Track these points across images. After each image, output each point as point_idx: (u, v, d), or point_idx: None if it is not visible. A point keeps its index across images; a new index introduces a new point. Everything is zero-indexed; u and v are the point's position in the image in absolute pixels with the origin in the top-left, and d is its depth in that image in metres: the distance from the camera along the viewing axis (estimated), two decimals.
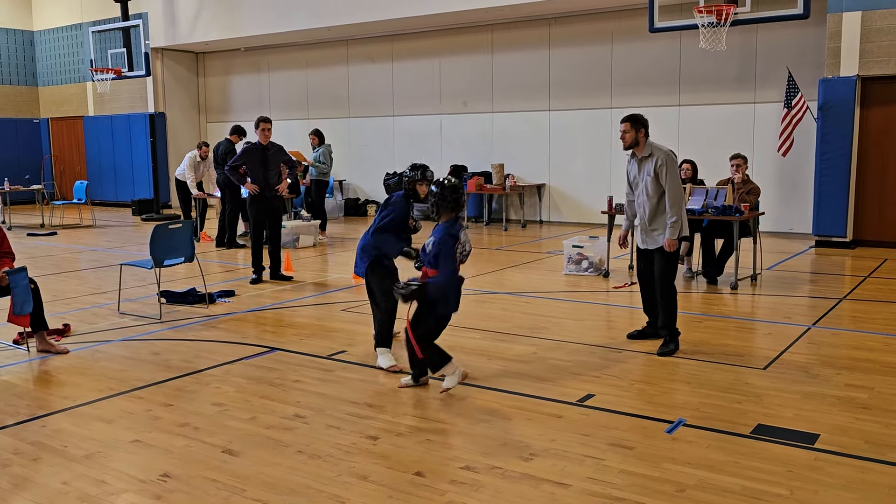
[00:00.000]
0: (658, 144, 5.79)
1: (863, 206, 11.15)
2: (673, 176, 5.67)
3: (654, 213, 5.76)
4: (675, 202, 5.65)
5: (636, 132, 5.72)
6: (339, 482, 3.64)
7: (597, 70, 13.90)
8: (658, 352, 5.68)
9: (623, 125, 5.77)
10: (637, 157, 5.83)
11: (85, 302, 7.92)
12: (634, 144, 5.77)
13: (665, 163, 5.66)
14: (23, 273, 5.73)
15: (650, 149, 5.73)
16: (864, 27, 10.54)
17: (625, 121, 5.77)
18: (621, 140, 5.81)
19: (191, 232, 7.61)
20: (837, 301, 7.54)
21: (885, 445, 3.97)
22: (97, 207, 18.38)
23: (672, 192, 5.65)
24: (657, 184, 5.70)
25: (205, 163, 12.68)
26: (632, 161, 5.92)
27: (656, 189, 5.71)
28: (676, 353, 5.69)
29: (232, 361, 5.68)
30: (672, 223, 5.65)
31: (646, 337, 6.10)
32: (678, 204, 5.66)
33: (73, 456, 3.99)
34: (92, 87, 19.42)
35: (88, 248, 12.13)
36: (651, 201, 5.75)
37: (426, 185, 5.40)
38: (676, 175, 5.71)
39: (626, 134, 5.74)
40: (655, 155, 5.70)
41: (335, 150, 14.41)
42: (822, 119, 10.90)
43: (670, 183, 5.65)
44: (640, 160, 5.81)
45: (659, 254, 5.79)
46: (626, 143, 5.78)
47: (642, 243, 5.91)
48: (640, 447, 3.97)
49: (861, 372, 5.23)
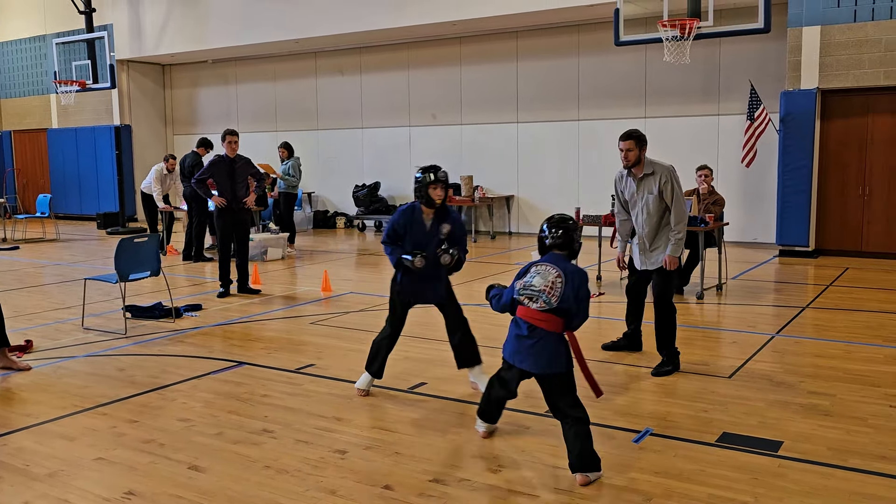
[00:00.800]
0: (657, 161, 5.52)
1: (824, 216, 11.37)
2: (678, 192, 5.43)
3: (656, 232, 5.53)
4: (680, 218, 5.43)
5: (639, 150, 5.43)
6: (307, 497, 3.61)
7: (564, 83, 14.04)
8: (653, 371, 5.48)
9: (626, 143, 5.42)
10: (635, 175, 5.53)
11: (48, 317, 7.78)
12: (637, 163, 5.47)
13: (670, 179, 5.41)
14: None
15: (651, 166, 5.47)
16: (824, 41, 10.78)
17: (627, 138, 5.43)
18: (624, 159, 5.46)
19: (157, 245, 7.53)
20: (801, 310, 7.67)
21: (847, 452, 4.04)
22: (61, 221, 18.10)
23: (678, 208, 5.42)
24: (660, 202, 5.45)
25: (171, 175, 12.56)
26: (626, 179, 5.62)
27: (658, 207, 5.47)
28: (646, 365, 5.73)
29: (199, 376, 5.62)
30: (678, 240, 5.44)
31: (620, 349, 6.03)
32: (684, 220, 5.45)
33: (35, 475, 3.91)
34: (56, 100, 19.15)
35: (52, 263, 11.93)
36: (652, 220, 5.51)
37: (441, 188, 4.89)
38: (681, 191, 5.47)
39: (630, 152, 5.42)
40: (658, 172, 5.43)
41: (304, 163, 14.36)
42: (784, 131, 11.11)
43: (676, 200, 5.41)
44: (639, 179, 5.52)
45: (658, 273, 5.56)
46: (630, 162, 5.46)
47: (641, 264, 5.68)
48: (607, 457, 3.99)
49: (823, 379, 5.32)
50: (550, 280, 3.81)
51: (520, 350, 3.89)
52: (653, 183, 5.45)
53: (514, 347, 3.93)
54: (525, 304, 3.87)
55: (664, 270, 5.53)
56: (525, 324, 3.86)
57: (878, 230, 11.10)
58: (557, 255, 3.94)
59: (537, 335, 3.82)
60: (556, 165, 14.24)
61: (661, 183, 5.42)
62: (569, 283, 3.80)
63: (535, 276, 3.87)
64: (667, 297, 5.57)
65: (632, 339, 6.05)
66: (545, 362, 3.82)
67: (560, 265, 3.87)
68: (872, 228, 11.14)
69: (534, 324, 3.82)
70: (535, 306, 3.82)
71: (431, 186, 4.86)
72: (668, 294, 5.59)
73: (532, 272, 3.91)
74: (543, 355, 3.82)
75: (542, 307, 3.81)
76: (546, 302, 3.80)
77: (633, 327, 6.02)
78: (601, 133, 13.64)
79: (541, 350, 3.82)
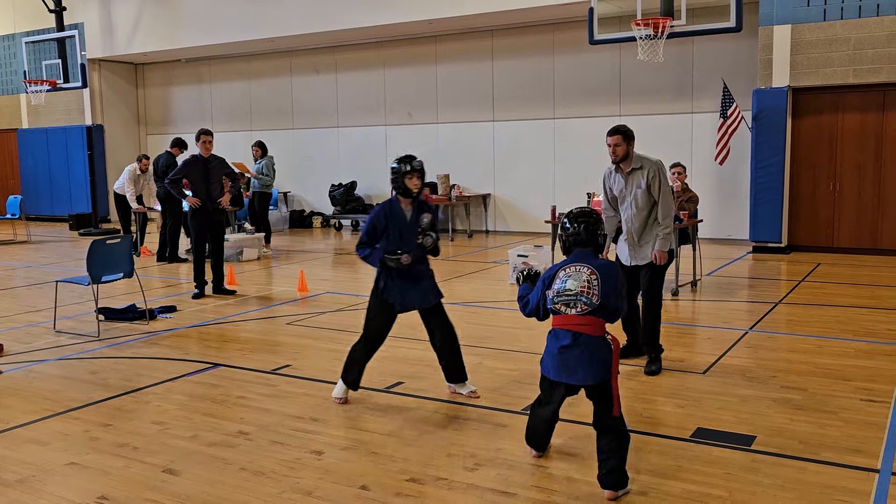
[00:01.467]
0: (645, 155, 5.51)
1: (796, 213, 11.51)
2: (665, 187, 5.42)
3: (644, 227, 5.51)
4: (667, 213, 5.43)
5: (627, 145, 5.40)
6: (283, 499, 3.59)
7: (540, 81, 14.08)
8: (646, 370, 5.45)
9: (613, 138, 5.40)
10: (623, 170, 5.50)
11: (19, 320, 7.67)
12: (625, 158, 5.43)
13: (658, 174, 5.40)
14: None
15: (639, 161, 5.45)
16: (794, 40, 10.91)
17: (615, 133, 5.41)
18: (612, 154, 5.42)
19: (129, 247, 7.45)
20: (774, 305, 7.76)
21: (819, 445, 4.09)
22: (32, 223, 17.84)
23: (665, 202, 5.42)
24: (648, 196, 5.43)
25: (145, 176, 12.42)
26: (614, 175, 5.58)
27: (647, 202, 5.45)
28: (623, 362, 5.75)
29: (173, 379, 5.57)
30: (666, 234, 5.44)
31: (626, 356, 5.78)
32: (671, 214, 5.47)
33: (5, 481, 3.85)
34: (26, 99, 18.87)
35: (23, 265, 11.76)
36: (641, 214, 5.48)
37: (417, 177, 4.79)
38: (668, 186, 5.46)
39: (619, 147, 5.39)
40: (646, 167, 5.41)
41: (279, 162, 14.28)
42: (756, 128, 11.23)
43: (663, 194, 5.41)
44: (627, 173, 5.48)
45: (647, 268, 5.54)
46: (618, 157, 5.42)
47: (630, 260, 5.62)
48: (584, 454, 4.01)
49: (796, 374, 5.39)
50: (585, 279, 3.60)
51: (567, 363, 3.60)
52: (641, 177, 5.43)
53: (558, 362, 3.63)
54: (562, 312, 3.62)
55: (654, 265, 5.52)
56: (567, 333, 3.60)
57: (848, 226, 11.26)
58: (584, 251, 3.75)
59: (583, 342, 3.57)
60: (532, 163, 14.28)
61: (648, 177, 5.40)
62: (605, 279, 3.61)
63: (568, 280, 3.63)
64: (656, 294, 5.56)
65: (635, 344, 5.84)
66: (599, 370, 3.57)
67: (590, 262, 3.68)
68: (843, 224, 11.29)
69: (577, 331, 3.58)
70: (576, 311, 3.59)
71: (408, 176, 4.77)
72: (658, 290, 5.58)
73: (562, 276, 3.66)
74: (595, 362, 3.56)
75: (582, 310, 3.58)
76: (587, 303, 3.58)
77: (633, 334, 5.84)
78: (577, 131, 13.70)
79: (591, 357, 3.56)
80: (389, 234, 4.82)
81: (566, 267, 3.70)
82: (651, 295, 5.57)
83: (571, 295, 3.60)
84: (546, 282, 3.74)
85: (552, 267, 3.80)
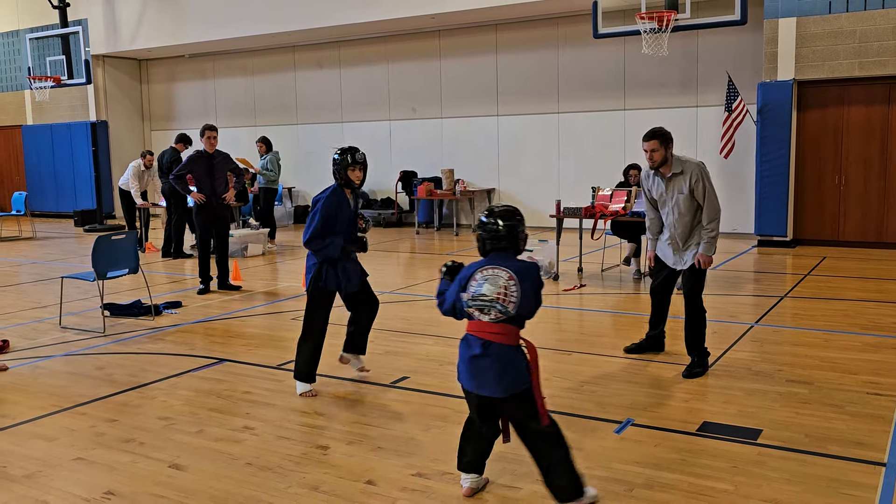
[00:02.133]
0: (685, 158, 5.26)
1: (802, 206, 11.48)
2: (710, 189, 5.17)
3: (690, 232, 5.28)
4: (714, 215, 5.18)
5: (665, 149, 5.16)
6: (289, 494, 3.60)
7: (544, 75, 14.04)
8: (685, 373, 5.24)
9: (649, 143, 5.16)
10: (663, 175, 5.26)
11: (25, 317, 7.69)
12: (664, 163, 5.19)
13: (701, 177, 5.14)
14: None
15: (679, 165, 5.20)
16: (800, 32, 10.86)
17: (651, 138, 5.16)
18: (649, 160, 5.21)
19: (135, 243, 7.46)
20: (779, 299, 7.74)
21: (825, 439, 4.09)
22: (37, 219, 17.88)
23: (710, 206, 5.17)
24: (692, 201, 5.20)
25: (149, 172, 12.44)
26: (654, 178, 5.35)
27: (690, 207, 5.22)
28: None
29: (179, 374, 5.58)
30: (712, 238, 5.19)
31: (643, 350, 5.76)
32: (718, 217, 5.21)
33: (12, 476, 3.87)
34: (30, 96, 18.89)
35: (28, 261, 11.79)
36: (684, 219, 5.25)
37: (360, 170, 4.91)
38: (713, 187, 5.22)
39: (655, 153, 5.16)
40: (688, 171, 5.16)
41: (283, 158, 14.27)
42: (762, 122, 11.19)
43: (709, 198, 5.16)
44: (668, 178, 5.24)
45: (690, 271, 5.31)
46: (656, 163, 5.19)
47: (675, 264, 5.41)
48: (589, 448, 4.01)
49: (802, 368, 5.38)
50: (502, 285, 3.28)
51: (477, 373, 3.33)
52: (682, 182, 5.19)
53: (469, 372, 3.36)
54: (476, 318, 3.34)
55: (695, 269, 5.27)
56: (478, 341, 3.32)
57: (854, 219, 11.23)
58: (502, 254, 3.39)
59: (494, 352, 3.29)
60: (536, 158, 14.26)
61: (691, 182, 5.15)
62: (525, 282, 3.30)
63: (484, 284, 3.31)
64: (697, 298, 5.32)
65: (655, 340, 5.81)
66: (510, 382, 3.29)
67: (508, 264, 3.34)
68: (849, 218, 11.26)
69: (489, 339, 3.30)
70: (489, 318, 3.30)
71: (351, 168, 4.88)
72: (699, 294, 5.33)
73: (478, 279, 3.34)
74: (507, 374, 3.28)
75: (496, 318, 3.29)
76: (502, 311, 3.28)
77: (659, 330, 5.78)
78: (581, 125, 13.68)
79: (503, 369, 3.28)
80: (338, 223, 4.94)
81: (483, 269, 3.36)
82: (693, 299, 5.32)
83: (486, 301, 3.29)
84: (462, 282, 3.41)
85: (469, 266, 3.45)
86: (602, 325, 6.94)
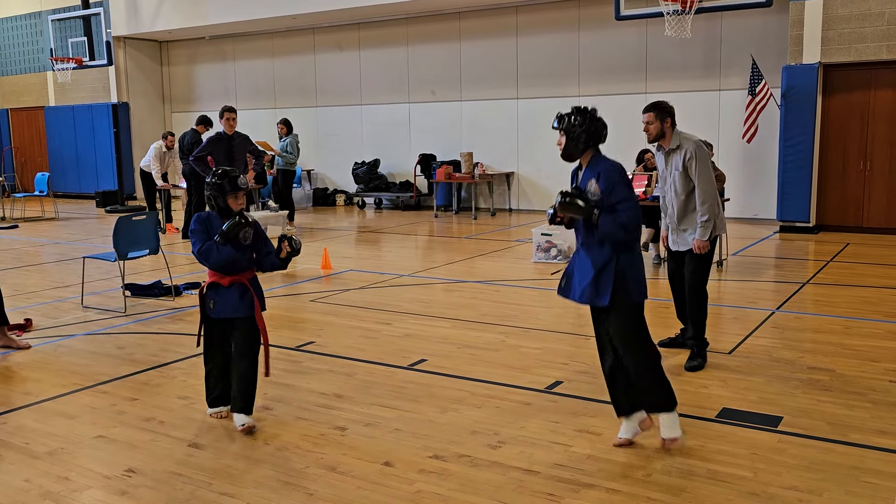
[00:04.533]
0: (687, 134, 5.10)
1: (825, 192, 11.32)
2: (704, 169, 4.97)
3: (684, 212, 5.13)
4: (706, 198, 4.99)
5: (661, 122, 5.03)
6: (306, 474, 3.62)
7: (564, 58, 13.92)
8: (686, 366, 5.08)
9: (647, 115, 5.06)
10: (664, 149, 5.13)
11: (47, 296, 7.78)
12: (660, 136, 5.05)
13: (694, 155, 4.96)
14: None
15: (678, 139, 5.04)
16: (826, 15, 10.67)
17: (648, 110, 5.07)
18: (645, 132, 5.09)
19: (155, 223, 7.50)
20: (801, 285, 7.66)
21: (846, 426, 4.04)
22: (60, 200, 18.05)
23: (703, 187, 4.98)
24: (686, 179, 5.04)
25: (170, 153, 12.50)
26: (658, 153, 5.24)
27: (685, 185, 5.06)
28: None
29: (198, 354, 5.59)
30: (703, 222, 4.99)
31: (679, 346, 5.47)
32: (710, 200, 5.00)
33: (35, 453, 3.92)
34: (53, 77, 19.02)
35: (51, 241, 11.91)
36: (679, 198, 5.11)
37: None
38: (708, 168, 5.00)
39: (651, 125, 5.04)
40: (684, 147, 5.01)
41: (303, 140, 14.28)
42: (786, 106, 11.03)
43: (700, 177, 4.97)
44: (667, 153, 5.12)
45: (689, 255, 5.16)
46: (651, 136, 5.07)
47: (673, 244, 5.28)
48: (608, 433, 3.99)
49: (823, 355, 5.32)
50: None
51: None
52: (679, 158, 5.04)
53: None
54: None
55: (696, 254, 5.12)
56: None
57: (878, 205, 11.06)
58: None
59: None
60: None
61: (685, 158, 4.99)
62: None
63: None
64: (698, 284, 5.18)
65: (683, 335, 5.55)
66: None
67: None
68: (873, 204, 11.09)
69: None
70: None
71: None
72: (700, 280, 5.18)
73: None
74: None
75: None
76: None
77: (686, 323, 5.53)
78: (601, 108, 13.45)
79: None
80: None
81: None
82: (694, 287, 5.20)
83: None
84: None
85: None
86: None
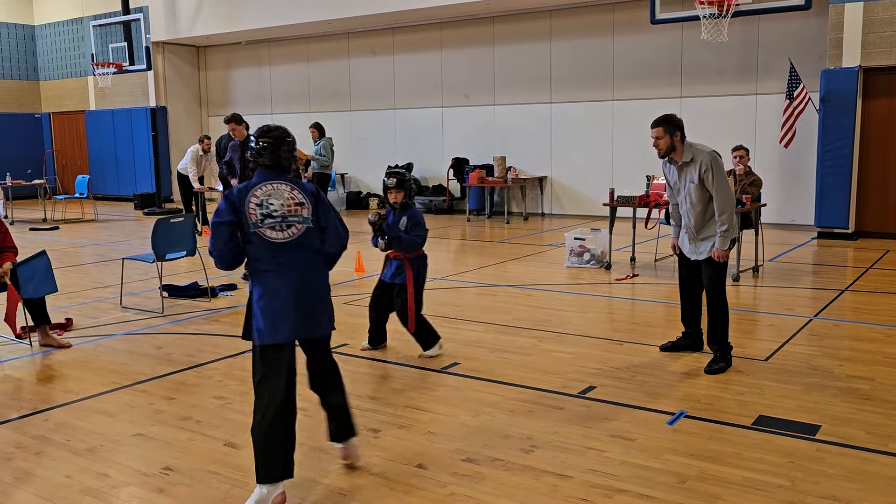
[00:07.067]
0: (699, 146, 5.11)
1: (865, 198, 11.12)
2: (720, 180, 4.99)
3: (702, 222, 5.16)
4: (724, 208, 5.00)
5: (671, 137, 5.03)
6: (339, 474, 3.65)
7: (598, 62, 13.86)
8: (706, 369, 5.10)
9: (655, 131, 5.05)
10: (676, 162, 5.15)
11: (87, 296, 7.93)
12: (671, 150, 5.08)
13: (711, 167, 4.98)
14: (43, 256, 5.92)
15: (690, 152, 5.06)
16: (867, 18, 10.49)
17: (656, 125, 5.06)
18: (655, 147, 5.09)
19: (192, 226, 7.62)
20: (839, 293, 7.53)
21: (886, 436, 3.97)
22: (99, 202, 18.39)
23: (722, 198, 5.00)
24: (703, 190, 5.07)
25: (207, 156, 12.68)
26: (668, 165, 5.26)
27: (701, 196, 5.09)
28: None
29: (234, 355, 5.69)
30: (723, 231, 5.02)
31: (680, 349, 5.57)
32: (729, 209, 5.02)
33: (75, 449, 4.00)
34: (93, 82, 19.41)
35: (90, 243, 12.14)
36: (696, 209, 5.13)
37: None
38: (724, 178, 5.02)
39: (660, 140, 5.04)
40: (698, 159, 5.02)
41: (337, 144, 14.39)
42: (824, 110, 10.86)
43: (718, 189, 4.99)
44: (679, 166, 5.15)
45: (707, 263, 5.18)
46: (662, 150, 5.08)
47: (691, 254, 5.30)
48: (641, 439, 3.97)
49: (862, 363, 5.23)
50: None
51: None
52: (693, 171, 5.06)
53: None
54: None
55: (714, 261, 5.15)
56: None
57: None
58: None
59: None
60: (589, 146, 14.10)
61: (701, 171, 5.02)
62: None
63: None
64: (718, 290, 5.21)
65: (692, 338, 5.62)
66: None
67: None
68: None
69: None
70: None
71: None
72: (720, 286, 5.21)
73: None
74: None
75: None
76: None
77: (693, 328, 5.59)
78: (636, 113, 13.45)
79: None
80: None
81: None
82: (714, 292, 5.22)
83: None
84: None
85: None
86: (654, 315, 6.85)
